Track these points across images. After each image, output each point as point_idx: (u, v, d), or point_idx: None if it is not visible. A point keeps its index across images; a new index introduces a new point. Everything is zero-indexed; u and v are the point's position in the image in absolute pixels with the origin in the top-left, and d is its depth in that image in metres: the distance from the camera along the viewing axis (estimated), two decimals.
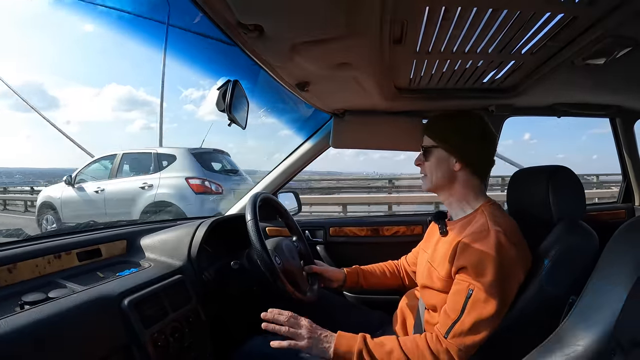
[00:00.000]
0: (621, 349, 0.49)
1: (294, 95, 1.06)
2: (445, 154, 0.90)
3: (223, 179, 4.71)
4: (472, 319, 0.75)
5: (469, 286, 0.77)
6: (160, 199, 4.35)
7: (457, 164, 0.89)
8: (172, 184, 4.37)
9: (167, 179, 4.41)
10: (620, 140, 1.58)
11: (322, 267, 1.15)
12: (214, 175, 4.60)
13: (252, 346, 0.95)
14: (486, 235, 0.78)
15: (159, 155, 4.65)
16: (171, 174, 4.43)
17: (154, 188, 4.41)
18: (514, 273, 0.78)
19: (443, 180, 0.92)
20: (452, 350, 0.76)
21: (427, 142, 0.94)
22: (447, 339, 0.76)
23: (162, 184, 4.40)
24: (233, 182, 4.86)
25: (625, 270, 0.54)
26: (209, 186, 4.43)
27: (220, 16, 0.60)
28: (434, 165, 0.92)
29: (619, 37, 0.68)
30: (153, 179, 4.47)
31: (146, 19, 7.38)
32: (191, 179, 4.37)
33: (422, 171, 0.96)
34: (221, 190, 4.51)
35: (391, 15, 0.61)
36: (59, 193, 5.08)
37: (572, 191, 0.89)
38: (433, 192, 0.96)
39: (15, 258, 0.81)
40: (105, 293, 0.78)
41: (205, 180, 4.43)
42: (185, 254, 1.05)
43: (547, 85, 1.01)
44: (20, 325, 0.61)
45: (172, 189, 4.35)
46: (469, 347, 0.75)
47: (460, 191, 0.91)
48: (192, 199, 4.30)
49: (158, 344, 0.81)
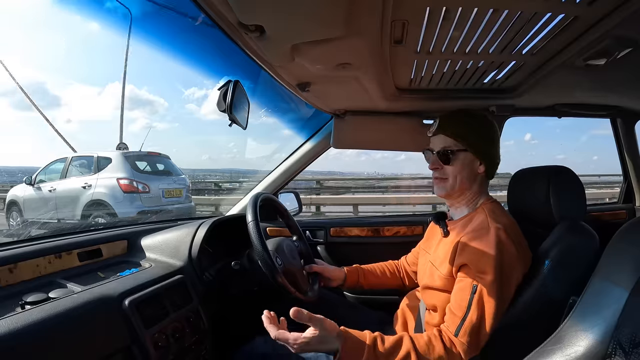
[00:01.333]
0: (622, 350, 0.49)
1: (295, 95, 1.06)
2: (472, 157, 0.88)
3: (152, 179, 5.35)
4: (480, 313, 0.75)
5: (472, 282, 0.77)
6: (96, 198, 5.03)
7: (482, 166, 0.88)
8: (106, 184, 5.04)
9: (103, 180, 5.08)
10: (620, 140, 1.58)
11: (322, 266, 1.15)
12: (142, 176, 5.23)
13: (253, 346, 0.95)
14: (486, 233, 0.78)
15: (99, 158, 5.30)
16: (106, 175, 5.09)
17: (93, 188, 5.08)
18: (514, 270, 0.78)
19: (466, 183, 0.89)
20: (461, 348, 0.75)
21: (450, 144, 0.89)
22: (458, 337, 0.76)
23: (99, 184, 5.07)
24: (163, 182, 5.51)
25: (626, 271, 0.54)
26: (136, 186, 5.06)
27: (222, 16, 0.60)
28: (458, 169, 0.88)
29: (620, 37, 0.68)
30: (92, 180, 5.14)
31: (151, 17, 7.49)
32: (121, 179, 5.01)
33: (439, 175, 0.91)
34: (148, 189, 5.16)
35: (392, 16, 0.61)
36: (22, 192, 5.76)
37: (573, 192, 0.89)
38: (450, 197, 0.92)
39: (16, 258, 0.81)
40: (105, 293, 0.78)
41: (133, 181, 5.06)
42: (186, 254, 1.05)
43: (548, 85, 1.01)
44: (20, 325, 0.61)
45: (106, 189, 5.02)
46: (478, 343, 0.75)
47: (474, 192, 0.91)
48: (121, 197, 4.96)
49: (159, 344, 0.81)
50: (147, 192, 5.13)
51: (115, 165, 5.12)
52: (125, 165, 5.11)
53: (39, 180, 5.64)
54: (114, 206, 4.90)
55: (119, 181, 4.99)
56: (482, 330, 0.75)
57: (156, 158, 5.81)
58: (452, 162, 0.89)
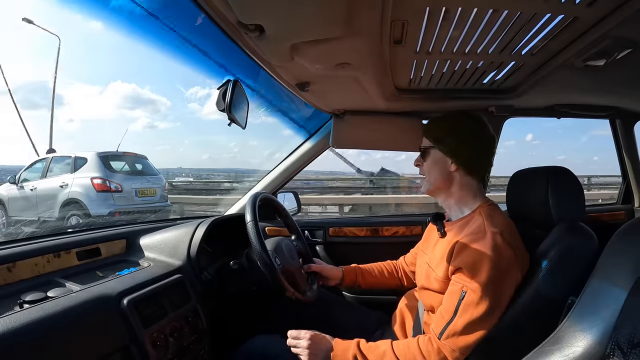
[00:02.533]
0: (620, 351, 0.49)
1: (294, 95, 1.06)
2: (441, 154, 0.91)
3: (126, 179, 5.53)
4: (465, 320, 0.75)
5: (462, 288, 0.77)
6: (72, 196, 5.21)
7: (453, 164, 0.89)
8: (81, 183, 5.22)
9: (78, 179, 5.25)
10: (620, 141, 1.58)
11: (319, 265, 1.15)
12: (116, 176, 5.42)
13: (251, 346, 0.95)
14: (482, 237, 0.79)
15: (76, 158, 5.46)
16: (82, 175, 5.27)
17: (69, 187, 5.26)
18: (510, 274, 0.78)
19: (440, 181, 0.92)
20: (445, 351, 0.76)
21: (425, 143, 0.95)
22: (440, 340, 0.77)
23: (75, 183, 5.25)
24: (137, 182, 5.68)
25: (624, 272, 0.54)
26: (109, 185, 5.24)
27: (221, 16, 0.60)
28: (431, 166, 0.93)
29: (619, 38, 0.69)
30: (69, 179, 5.32)
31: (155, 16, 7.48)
32: (95, 179, 5.20)
33: (421, 172, 0.97)
34: (120, 188, 5.34)
35: (391, 16, 0.61)
36: (7, 191, 5.93)
37: (572, 192, 0.89)
38: (431, 194, 0.95)
39: (15, 257, 0.81)
40: (104, 292, 0.78)
41: (106, 180, 5.23)
42: (184, 253, 1.05)
43: (547, 86, 1.01)
44: (19, 324, 0.61)
45: (81, 188, 5.21)
46: (463, 348, 0.76)
47: (458, 192, 0.91)
48: (95, 196, 5.16)
49: (157, 344, 0.81)
50: (119, 191, 5.31)
51: (90, 165, 5.32)
52: (100, 165, 5.30)
53: (23, 179, 5.82)
54: (87, 205, 5.11)
55: (92, 180, 5.17)
56: (466, 336, 0.75)
57: (133, 158, 5.98)
58: (426, 159, 0.95)
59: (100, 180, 5.19)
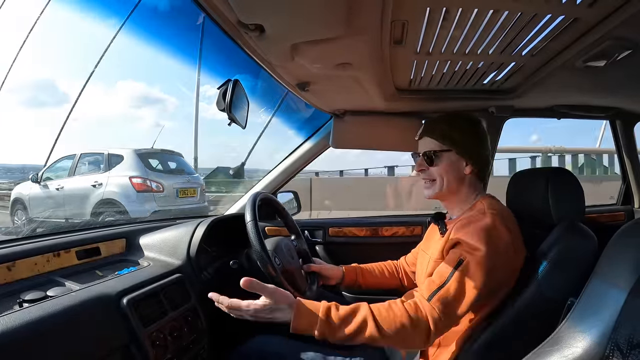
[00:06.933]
0: (619, 351, 0.49)
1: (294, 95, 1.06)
2: (457, 157, 0.88)
3: (166, 177, 5.04)
4: (459, 287, 0.73)
5: (460, 256, 0.76)
6: (107, 197, 4.71)
7: (468, 167, 0.88)
8: (118, 183, 4.71)
9: (114, 178, 4.75)
10: (620, 142, 1.58)
11: (319, 265, 1.15)
12: (156, 175, 4.93)
13: (251, 346, 0.95)
14: (482, 217, 0.79)
15: (109, 155, 4.96)
16: (118, 173, 4.77)
17: (103, 186, 4.75)
18: (507, 255, 0.77)
19: (454, 185, 0.89)
20: (431, 315, 0.72)
21: (434, 146, 0.90)
22: (429, 302, 0.74)
23: (110, 182, 4.75)
24: (177, 181, 5.17)
25: (624, 272, 0.54)
26: (150, 185, 4.76)
27: (222, 15, 0.60)
28: (443, 170, 0.88)
29: (620, 39, 0.69)
30: (103, 178, 4.81)
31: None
32: (134, 178, 4.69)
33: (426, 177, 0.92)
34: (162, 188, 4.86)
35: (392, 16, 0.61)
36: (28, 190, 5.40)
37: (572, 193, 0.89)
38: (439, 198, 0.93)
39: (14, 256, 0.81)
40: (104, 292, 0.78)
41: (147, 179, 4.75)
42: (184, 253, 1.05)
43: (548, 86, 1.01)
44: (18, 323, 0.61)
45: (118, 188, 4.70)
46: (449, 316, 0.73)
47: (465, 193, 0.91)
48: (134, 196, 4.66)
49: (157, 343, 0.81)
50: (161, 191, 4.84)
51: (127, 163, 4.81)
52: (138, 163, 4.81)
53: (46, 177, 5.32)
54: (126, 206, 4.61)
55: (131, 180, 4.66)
56: (456, 304, 0.73)
57: (169, 156, 5.47)
58: (437, 163, 0.89)
59: (140, 179, 4.69)
